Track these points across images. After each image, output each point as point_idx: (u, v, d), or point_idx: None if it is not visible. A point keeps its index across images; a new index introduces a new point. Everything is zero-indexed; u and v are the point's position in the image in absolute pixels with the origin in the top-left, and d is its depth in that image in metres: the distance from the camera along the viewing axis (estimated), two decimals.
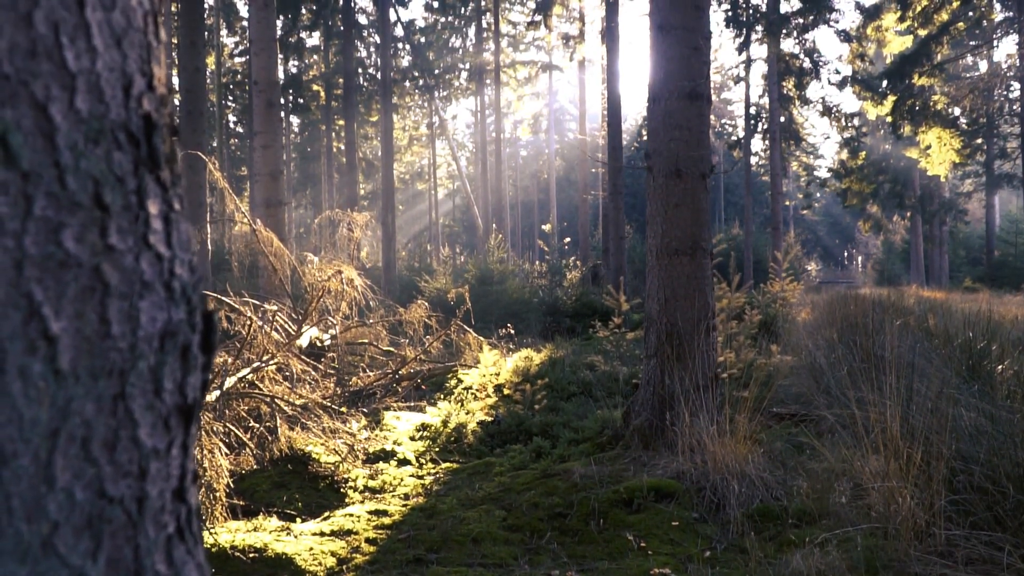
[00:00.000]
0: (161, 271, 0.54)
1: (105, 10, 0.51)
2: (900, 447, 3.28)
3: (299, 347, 6.54)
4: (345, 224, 8.88)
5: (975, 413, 3.72)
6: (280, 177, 9.60)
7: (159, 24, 0.57)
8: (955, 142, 19.02)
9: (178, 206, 0.57)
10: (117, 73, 0.52)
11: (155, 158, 0.54)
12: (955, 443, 3.30)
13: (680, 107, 4.19)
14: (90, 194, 0.49)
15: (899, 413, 3.47)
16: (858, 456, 3.52)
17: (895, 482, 3.15)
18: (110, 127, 0.51)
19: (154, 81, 0.55)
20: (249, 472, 4.15)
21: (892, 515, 3.05)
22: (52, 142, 0.48)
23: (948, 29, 18.43)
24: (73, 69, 0.49)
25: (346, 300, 6.08)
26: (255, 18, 9.53)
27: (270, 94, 9.44)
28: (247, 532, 3.32)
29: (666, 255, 4.24)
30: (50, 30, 0.48)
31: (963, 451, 3.23)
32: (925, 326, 7.52)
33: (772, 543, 3.18)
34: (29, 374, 0.46)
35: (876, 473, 3.28)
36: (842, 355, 5.68)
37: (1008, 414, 3.49)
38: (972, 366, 5.26)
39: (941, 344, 5.99)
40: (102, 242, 0.50)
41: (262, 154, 9.43)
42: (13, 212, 0.46)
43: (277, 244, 7.43)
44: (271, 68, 9.44)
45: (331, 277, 6.18)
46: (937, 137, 19.10)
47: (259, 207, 9.64)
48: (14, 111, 0.46)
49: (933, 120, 19.17)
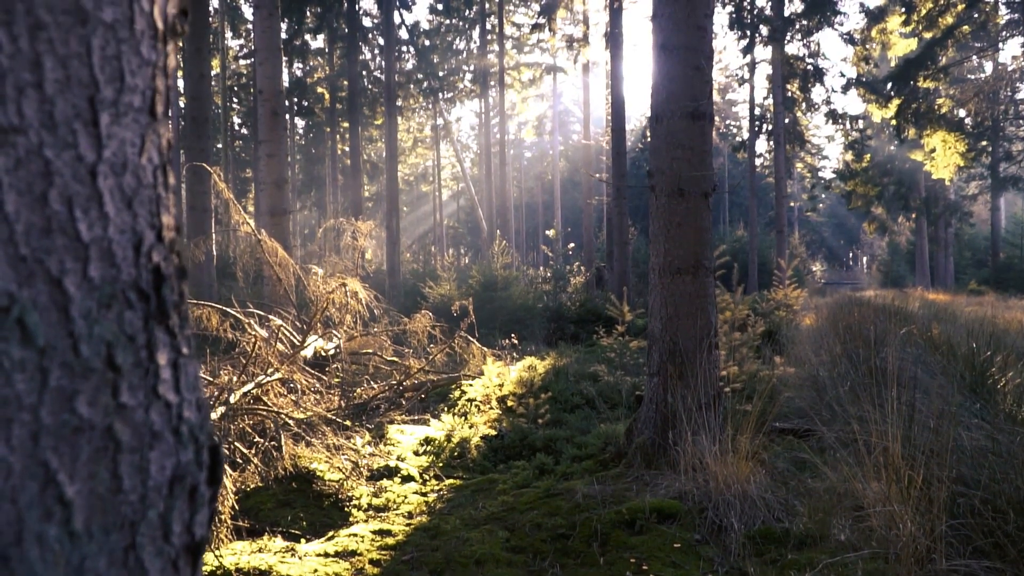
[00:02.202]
0: (170, 418, 0.57)
1: (116, 175, 0.53)
2: (901, 470, 3.29)
3: (303, 358, 6.57)
4: (349, 233, 8.92)
5: (977, 433, 3.73)
6: (284, 186, 9.64)
7: (168, 172, 0.59)
8: (960, 145, 18.98)
9: (186, 349, 0.59)
10: (128, 234, 0.54)
11: (164, 310, 0.57)
12: (956, 466, 3.31)
13: (682, 127, 4.21)
14: (103, 358, 0.52)
15: (900, 433, 3.48)
16: (859, 477, 3.53)
17: (896, 506, 3.16)
18: (121, 288, 0.53)
19: (163, 232, 0.58)
20: (254, 489, 4.18)
21: (893, 540, 3.07)
22: (67, 314, 0.50)
23: (953, 32, 18.40)
24: (86, 239, 0.51)
25: (350, 313, 6.11)
26: (259, 27, 9.57)
27: (275, 103, 9.47)
28: (252, 554, 3.35)
29: (668, 274, 4.26)
30: (64, 205, 0.50)
31: (964, 475, 3.24)
32: (928, 335, 7.53)
33: (774, 567, 3.20)
34: (46, 539, 0.49)
35: (877, 496, 3.29)
36: (845, 369, 5.69)
37: (1009, 436, 3.50)
38: (975, 380, 5.26)
39: (944, 358, 5.99)
40: (114, 402, 0.52)
41: (267, 163, 9.47)
42: (30, 387, 0.48)
43: (282, 254, 7.46)
44: (276, 78, 9.47)
45: (335, 289, 6.20)
46: (942, 140, 19.06)
47: (264, 215, 9.69)
48: (30, 290, 0.48)
49: (938, 123, 19.13)
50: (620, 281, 14.71)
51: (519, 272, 15.83)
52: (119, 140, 0.54)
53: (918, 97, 19.80)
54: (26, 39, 0.48)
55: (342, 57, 26.84)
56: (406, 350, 7.77)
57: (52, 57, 0.49)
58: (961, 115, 22.53)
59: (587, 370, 7.68)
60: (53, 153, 0.50)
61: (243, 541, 3.57)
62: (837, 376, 5.60)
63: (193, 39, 12.75)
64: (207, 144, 12.44)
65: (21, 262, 0.48)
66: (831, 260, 63.67)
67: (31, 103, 0.48)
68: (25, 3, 0.48)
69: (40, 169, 0.49)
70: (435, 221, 44.01)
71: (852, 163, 26.86)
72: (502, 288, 12.68)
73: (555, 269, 13.22)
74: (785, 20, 22.31)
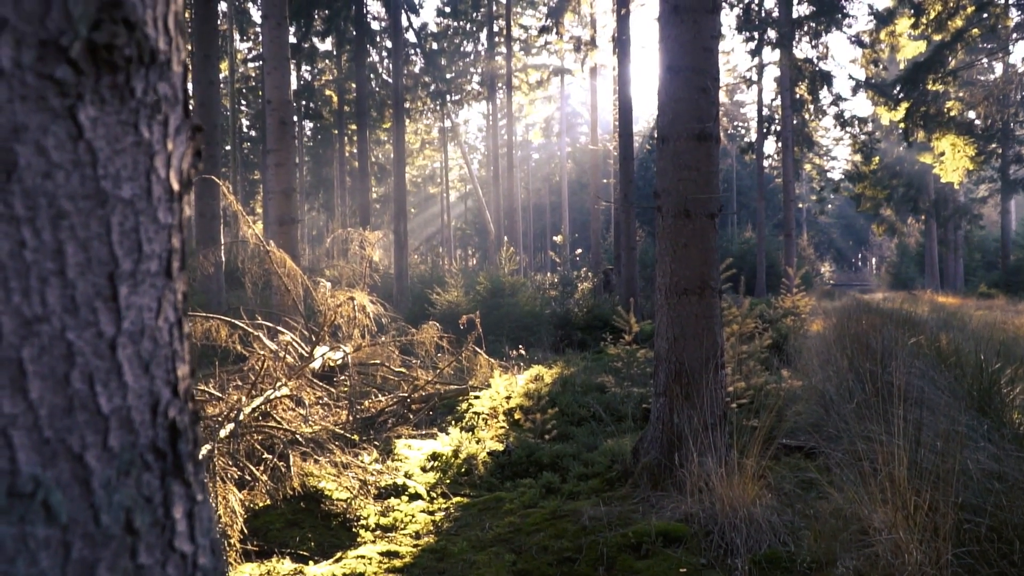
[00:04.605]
0: (185, 568, 0.59)
1: (135, 344, 0.56)
2: (907, 495, 3.29)
3: (312, 370, 6.61)
4: (357, 243, 8.96)
5: (983, 456, 3.73)
6: (293, 195, 9.68)
7: (184, 323, 0.61)
8: (969, 149, 18.89)
9: (200, 495, 0.61)
10: (145, 398, 0.56)
11: (180, 464, 0.59)
12: (963, 492, 3.31)
13: (689, 148, 4.22)
14: (122, 524, 0.54)
15: (906, 456, 3.48)
16: (865, 501, 3.53)
17: (902, 533, 3.17)
18: (140, 452, 0.56)
19: (179, 385, 0.60)
20: (262, 508, 4.21)
21: (899, 568, 3.07)
22: (88, 487, 0.52)
23: (962, 35, 18.32)
24: (106, 411, 0.54)
25: (358, 327, 6.14)
26: (268, 37, 9.61)
27: (283, 112, 9.52)
28: None
29: (675, 294, 4.27)
30: (85, 383, 0.53)
31: (970, 502, 3.24)
32: (937, 346, 7.51)
33: None
34: None
35: (883, 522, 3.30)
36: (851, 384, 5.68)
37: (1017, 462, 3.50)
38: (983, 397, 5.25)
39: (952, 373, 5.98)
40: (132, 564, 0.55)
41: (275, 172, 9.51)
42: (53, 563, 0.50)
43: (290, 265, 7.50)
44: (284, 87, 9.52)
45: (343, 303, 6.24)
46: (951, 144, 18.98)
47: (272, 224, 9.74)
48: (54, 470, 0.51)
49: (947, 127, 19.05)
50: (628, 286, 14.71)
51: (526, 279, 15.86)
52: (137, 308, 0.56)
53: (927, 100, 19.72)
54: (49, 231, 0.50)
55: (350, 60, 26.92)
56: (414, 360, 7.80)
57: (73, 243, 0.52)
58: (971, 117, 22.41)
59: (594, 380, 7.69)
60: (75, 335, 0.52)
61: (252, 563, 3.60)
62: (844, 391, 5.59)
63: (202, 46, 12.83)
64: (216, 151, 12.50)
65: (45, 445, 0.50)
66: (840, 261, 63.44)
67: (54, 291, 0.51)
68: (47, 196, 0.50)
69: (62, 352, 0.51)
70: (443, 222, 44.08)
71: (861, 165, 26.76)
72: (509, 294, 12.71)
73: (562, 275, 13.24)
74: (793, 23, 22.24)
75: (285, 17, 9.68)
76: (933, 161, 20.77)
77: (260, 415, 5.07)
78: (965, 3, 18.29)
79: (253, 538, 3.85)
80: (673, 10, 4.24)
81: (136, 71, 0.55)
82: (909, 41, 21.40)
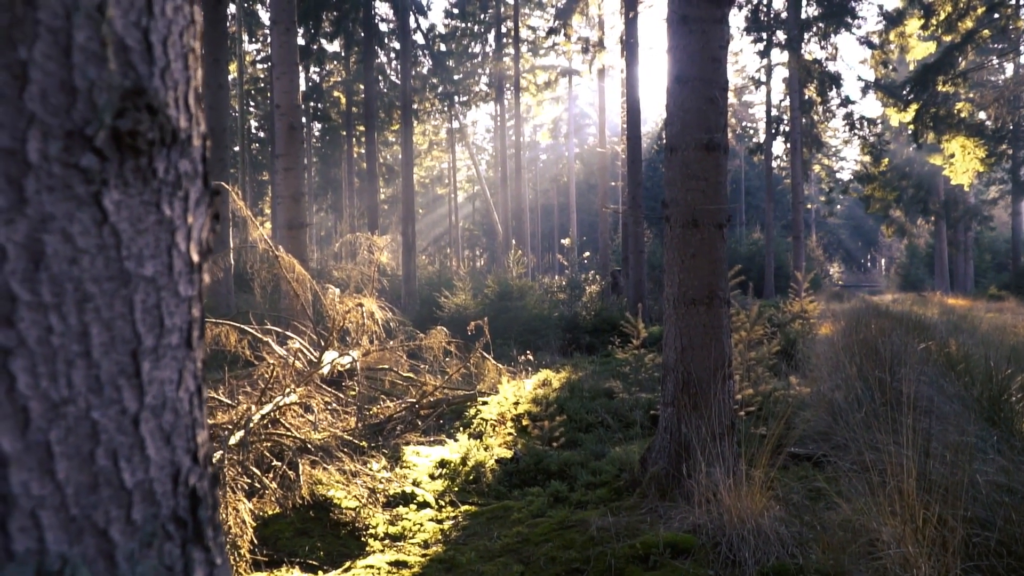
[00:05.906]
0: None
1: (157, 417, 0.57)
2: (916, 508, 3.29)
3: (321, 375, 6.64)
4: (366, 247, 8.98)
5: (993, 467, 3.72)
6: (301, 199, 9.72)
7: (203, 391, 0.63)
8: (979, 151, 18.80)
9: (219, 559, 0.63)
10: (167, 469, 0.58)
11: (200, 531, 0.60)
12: (972, 505, 3.31)
13: (697, 158, 4.22)
14: None
15: (915, 468, 3.47)
16: (874, 513, 3.52)
17: (910, 547, 3.16)
18: (161, 523, 0.57)
19: (198, 453, 0.61)
20: (272, 517, 4.24)
21: None
22: (112, 560, 0.54)
23: (973, 37, 18.22)
24: (130, 486, 0.55)
25: (366, 334, 6.17)
26: (277, 42, 9.65)
27: (292, 117, 9.56)
28: None
29: (683, 304, 4.28)
30: (110, 459, 0.54)
31: (979, 516, 3.24)
32: (946, 352, 7.48)
33: None
34: None
35: (892, 536, 3.29)
36: (860, 392, 5.67)
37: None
38: (992, 406, 5.23)
39: (962, 380, 5.96)
40: None
41: (284, 176, 9.55)
42: None
43: (299, 270, 7.53)
44: (293, 92, 9.56)
45: (352, 309, 6.26)
46: (961, 146, 18.89)
47: (281, 228, 9.78)
48: (80, 546, 0.52)
49: (957, 128, 18.96)
50: (636, 289, 14.70)
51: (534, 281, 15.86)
52: (159, 382, 0.57)
53: (937, 101, 19.62)
54: (75, 315, 0.52)
55: (358, 62, 26.99)
56: (422, 365, 7.82)
57: (98, 324, 0.53)
58: (981, 118, 22.30)
59: (602, 385, 7.69)
60: (99, 413, 0.53)
61: (261, 573, 3.62)
62: (852, 399, 5.58)
63: (211, 49, 12.88)
64: (225, 154, 12.56)
65: (72, 522, 0.52)
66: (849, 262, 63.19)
67: (79, 372, 0.52)
68: (74, 281, 0.51)
69: (87, 431, 0.53)
70: (451, 223, 44.13)
71: (870, 167, 26.66)
72: (517, 298, 12.72)
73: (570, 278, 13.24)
74: (802, 24, 22.18)
75: (294, 22, 9.72)
76: (943, 163, 20.68)
77: (269, 422, 5.09)
78: (975, 4, 18.19)
79: (263, 547, 3.87)
80: (681, 20, 4.25)
81: (158, 152, 0.56)
82: (919, 42, 21.31)
